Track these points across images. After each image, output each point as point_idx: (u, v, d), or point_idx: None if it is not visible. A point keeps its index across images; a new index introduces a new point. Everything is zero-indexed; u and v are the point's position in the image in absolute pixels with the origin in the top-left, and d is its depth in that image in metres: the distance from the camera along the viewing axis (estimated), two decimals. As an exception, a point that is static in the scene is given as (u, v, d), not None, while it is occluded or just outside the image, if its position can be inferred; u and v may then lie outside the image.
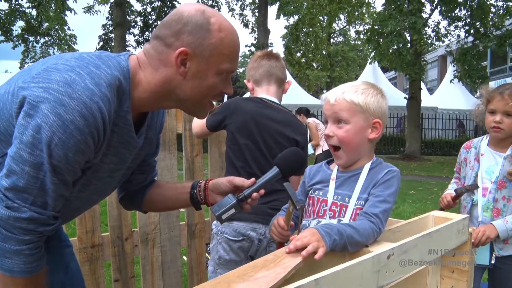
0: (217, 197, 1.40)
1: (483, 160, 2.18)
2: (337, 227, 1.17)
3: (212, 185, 1.42)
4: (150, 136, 1.33)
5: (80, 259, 2.24)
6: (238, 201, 1.32)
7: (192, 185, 1.44)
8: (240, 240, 2.00)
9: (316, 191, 1.43)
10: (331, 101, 1.37)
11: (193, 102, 1.19)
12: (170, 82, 1.14)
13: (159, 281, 2.53)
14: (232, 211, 1.32)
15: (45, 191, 1.02)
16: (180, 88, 1.14)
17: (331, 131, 1.37)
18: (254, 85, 2.17)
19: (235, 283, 0.88)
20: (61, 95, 0.97)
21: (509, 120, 2.06)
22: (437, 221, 1.62)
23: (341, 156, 1.39)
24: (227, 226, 1.99)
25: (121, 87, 1.09)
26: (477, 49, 13.82)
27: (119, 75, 1.08)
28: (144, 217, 2.45)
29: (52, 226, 1.08)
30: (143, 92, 1.14)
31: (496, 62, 21.59)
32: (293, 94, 16.48)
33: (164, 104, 1.20)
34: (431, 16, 14.61)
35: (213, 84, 1.16)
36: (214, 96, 1.20)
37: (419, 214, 1.70)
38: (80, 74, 1.01)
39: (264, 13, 17.81)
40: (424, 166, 13.41)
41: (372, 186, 1.34)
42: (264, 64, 2.13)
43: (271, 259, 1.03)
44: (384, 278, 1.10)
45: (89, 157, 1.07)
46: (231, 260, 2.01)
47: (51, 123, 0.96)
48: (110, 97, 1.04)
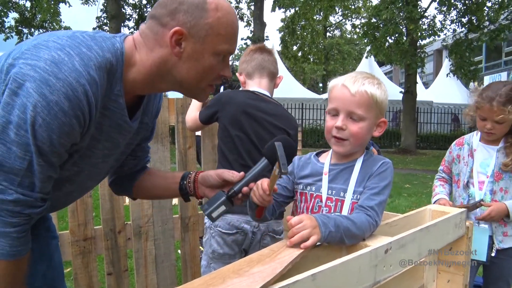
0: (206, 190, 1.37)
1: (476, 154, 2.18)
2: (334, 219, 1.15)
3: (201, 177, 1.38)
4: (145, 121, 1.29)
5: (72, 252, 2.23)
6: (227, 198, 1.28)
7: (182, 176, 1.41)
8: (234, 233, 1.98)
9: (308, 187, 1.39)
10: (351, 91, 1.30)
11: (190, 84, 1.15)
12: (166, 63, 1.10)
13: (153, 275, 2.51)
14: (222, 208, 1.28)
15: (32, 172, 1.00)
16: (176, 69, 1.11)
17: (345, 124, 1.32)
18: (246, 78, 2.17)
19: (230, 278, 0.85)
20: (47, 75, 0.94)
21: (500, 126, 2.06)
22: (434, 215, 1.61)
23: (345, 146, 1.34)
24: (220, 219, 1.95)
25: (113, 70, 1.06)
26: (471, 42, 13.86)
27: (111, 57, 1.05)
28: (137, 210, 2.42)
29: (39, 209, 1.05)
30: (138, 73, 1.11)
31: (491, 56, 21.67)
32: (289, 87, 16.47)
33: (161, 86, 1.17)
34: (427, 10, 14.61)
35: (210, 66, 1.12)
36: (212, 79, 1.17)
37: (415, 208, 1.69)
38: (69, 54, 0.98)
39: (260, 6, 17.72)
40: (420, 160, 13.46)
41: (367, 179, 1.32)
42: (257, 57, 2.14)
43: (266, 253, 1.01)
44: (381, 272, 1.08)
45: (75, 140, 1.04)
46: (225, 254, 1.99)
47: (35, 102, 0.93)
48: (99, 80, 1.01)
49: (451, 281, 1.60)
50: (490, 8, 14.03)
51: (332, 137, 1.35)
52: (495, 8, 13.75)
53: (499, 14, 13.54)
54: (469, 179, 2.19)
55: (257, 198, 1.26)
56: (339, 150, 1.36)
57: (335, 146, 1.36)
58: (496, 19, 13.49)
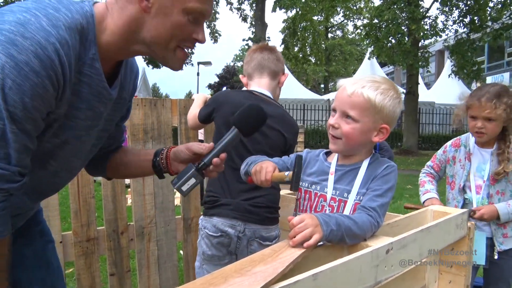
0: (179, 166, 1.33)
1: (473, 158, 2.19)
2: (335, 218, 1.16)
3: (173, 153, 1.35)
4: (124, 96, 1.26)
5: (75, 253, 2.23)
6: (197, 169, 1.23)
7: (155, 152, 1.38)
8: (219, 236, 1.93)
9: (313, 185, 1.40)
10: (347, 92, 1.32)
11: (160, 45, 1.09)
12: (136, 20, 1.06)
13: (155, 275, 2.52)
14: (192, 181, 1.23)
15: (6, 141, 0.93)
16: (146, 27, 1.06)
17: (337, 123, 1.34)
18: (248, 79, 2.13)
19: (232, 277, 0.86)
20: (13, 35, 0.88)
21: (491, 124, 2.07)
22: (435, 215, 1.61)
23: (338, 144, 1.36)
24: (208, 221, 1.95)
25: (84, 32, 1.01)
26: (473, 42, 13.84)
27: (81, 19, 1.01)
28: (139, 211, 2.43)
29: (18, 184, 0.99)
30: (112, 35, 1.07)
31: (493, 57, 21.62)
32: (291, 88, 16.48)
33: (134, 47, 1.11)
34: (429, 10, 14.60)
35: (178, 23, 1.06)
36: (183, 40, 1.10)
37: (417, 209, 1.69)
38: (36, 15, 0.93)
39: (261, 7, 17.72)
40: (422, 161, 13.42)
41: (371, 180, 1.33)
42: (256, 57, 2.10)
43: (268, 253, 1.02)
44: (382, 272, 1.09)
45: (50, 106, 0.98)
46: (213, 256, 1.96)
47: (2, 64, 0.87)
48: (70, 41, 0.96)
49: (453, 281, 1.60)
50: (493, 8, 14.01)
51: (329, 135, 1.38)
52: (498, 8, 13.73)
53: (502, 13, 13.51)
54: (465, 183, 2.19)
55: (256, 179, 1.35)
56: (332, 148, 1.39)
57: (330, 144, 1.39)
58: (498, 18, 13.46)
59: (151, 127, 2.41)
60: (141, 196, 2.43)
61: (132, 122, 2.36)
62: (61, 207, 2.42)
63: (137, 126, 2.38)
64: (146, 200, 2.44)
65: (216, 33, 23.13)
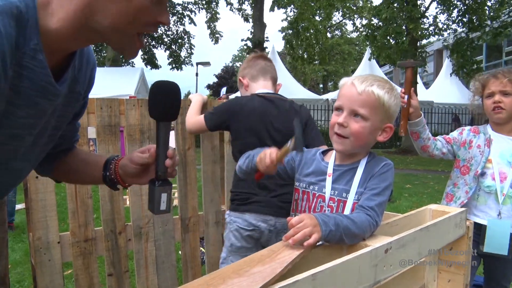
0: (132, 180, 1.23)
1: (494, 145, 2.12)
2: (334, 218, 1.15)
3: (121, 168, 1.23)
4: (77, 90, 1.11)
5: (73, 254, 2.23)
6: (160, 185, 1.13)
7: (104, 165, 1.26)
8: (251, 229, 2.11)
9: (311, 186, 1.39)
10: (357, 90, 1.30)
11: (118, 30, 0.94)
12: (91, 5, 0.91)
13: (153, 276, 2.51)
14: (164, 196, 1.13)
15: None
16: (102, 11, 0.92)
17: (346, 122, 1.31)
18: (250, 81, 2.27)
19: (230, 278, 0.85)
20: None
21: (508, 99, 2.05)
22: (434, 214, 1.61)
23: (345, 144, 1.33)
24: (239, 217, 2.13)
25: (23, 18, 0.86)
26: (472, 41, 13.86)
27: (18, 2, 0.85)
28: (137, 211, 2.43)
29: None
30: (60, 21, 0.91)
31: (491, 56, 21.64)
32: (289, 88, 16.45)
33: (88, 36, 0.97)
34: (428, 9, 14.63)
35: (140, 6, 0.92)
36: (145, 24, 0.97)
37: (416, 208, 1.69)
38: None
39: (260, 7, 17.72)
40: (420, 160, 13.44)
41: (369, 179, 1.32)
42: (260, 62, 2.28)
43: (266, 254, 1.01)
44: (382, 272, 1.08)
45: None
46: (242, 247, 2.12)
47: None
48: (2, 27, 0.80)
49: (452, 280, 1.59)
50: (491, 7, 14.02)
51: (334, 134, 1.35)
52: (496, 7, 13.74)
53: (500, 11, 13.52)
54: (483, 169, 2.11)
55: (262, 165, 1.31)
56: (339, 148, 1.35)
57: (335, 143, 1.36)
58: (497, 16, 13.47)
59: (148, 127, 2.42)
60: (138, 196, 2.42)
61: (129, 123, 2.36)
62: (59, 208, 2.41)
63: (134, 126, 2.38)
64: (143, 200, 2.43)
65: (217, 33, 23.15)
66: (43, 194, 2.09)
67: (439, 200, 2.56)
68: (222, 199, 2.82)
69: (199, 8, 22.20)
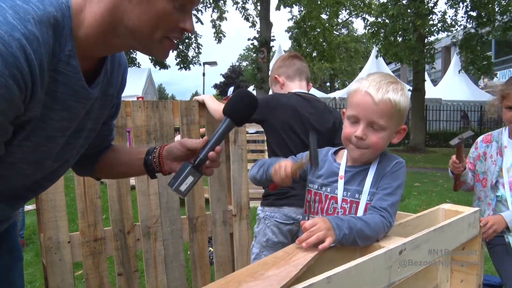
0: (172, 165, 1.26)
1: (506, 152, 2.09)
2: (348, 220, 1.13)
3: (166, 151, 1.27)
4: (111, 93, 1.16)
5: (83, 253, 2.24)
6: (193, 167, 1.16)
7: (147, 151, 1.30)
8: (291, 223, 2.13)
9: (323, 187, 1.38)
10: (375, 99, 1.25)
11: (143, 34, 0.98)
12: (117, 9, 0.95)
13: (162, 275, 2.51)
14: (190, 179, 1.16)
15: None
16: (128, 16, 0.95)
17: (365, 134, 1.28)
18: (286, 80, 2.35)
19: (246, 282, 0.84)
20: None
21: None
22: (447, 214, 1.59)
23: (364, 154, 1.31)
24: (277, 211, 2.14)
25: (59, 26, 0.90)
26: (482, 36, 13.70)
27: (55, 11, 0.89)
28: (145, 211, 2.43)
29: None
30: (90, 28, 0.96)
31: (501, 52, 21.43)
32: (296, 86, 16.39)
33: (116, 41, 1.00)
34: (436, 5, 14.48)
35: (163, 11, 0.96)
36: (169, 29, 0.99)
37: (425, 207, 1.67)
38: (0, 6, 0.80)
39: (266, 6, 17.65)
40: (429, 158, 13.37)
41: (381, 178, 1.30)
42: (296, 63, 2.36)
43: (281, 256, 1.00)
44: (396, 274, 1.06)
45: (17, 109, 0.86)
46: (279, 242, 2.13)
47: None
48: (41, 36, 0.84)
49: (465, 280, 1.58)
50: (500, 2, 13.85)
51: (350, 144, 1.33)
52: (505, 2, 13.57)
53: (509, 6, 13.34)
54: (497, 179, 2.09)
55: (277, 178, 1.30)
56: (355, 155, 1.33)
57: (352, 151, 1.33)
58: (506, 10, 13.30)
59: (154, 128, 2.43)
60: (146, 196, 2.43)
61: (135, 124, 2.38)
62: (69, 209, 2.42)
63: (140, 127, 2.40)
64: (151, 200, 2.45)
65: (220, 33, 23.13)
66: (53, 194, 2.11)
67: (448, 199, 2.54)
68: (229, 199, 2.81)
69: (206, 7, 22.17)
